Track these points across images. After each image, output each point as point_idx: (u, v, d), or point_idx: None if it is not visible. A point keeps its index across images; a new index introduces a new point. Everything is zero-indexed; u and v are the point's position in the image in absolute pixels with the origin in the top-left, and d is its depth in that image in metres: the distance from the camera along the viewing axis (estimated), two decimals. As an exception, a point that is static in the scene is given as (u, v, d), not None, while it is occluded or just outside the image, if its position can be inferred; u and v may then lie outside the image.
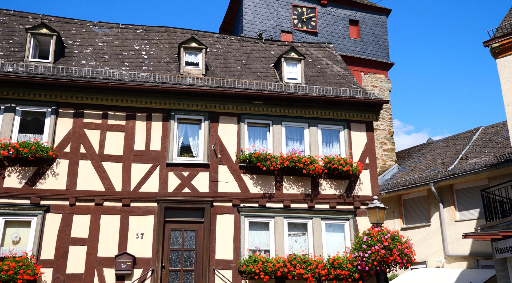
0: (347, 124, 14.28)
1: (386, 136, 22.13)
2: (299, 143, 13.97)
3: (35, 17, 15.43)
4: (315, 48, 17.81)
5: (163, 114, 13.11)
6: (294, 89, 14.09)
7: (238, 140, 13.39)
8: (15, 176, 11.89)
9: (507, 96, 12.56)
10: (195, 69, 14.15)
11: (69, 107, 12.63)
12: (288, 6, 22.28)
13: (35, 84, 12.26)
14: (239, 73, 14.97)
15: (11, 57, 13.25)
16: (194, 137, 13.40)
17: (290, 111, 13.85)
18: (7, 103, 12.29)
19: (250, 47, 16.82)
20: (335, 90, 14.36)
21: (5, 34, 14.24)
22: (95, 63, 13.83)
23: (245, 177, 13.14)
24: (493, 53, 12.99)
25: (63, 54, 13.94)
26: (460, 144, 19.49)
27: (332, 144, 14.21)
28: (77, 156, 12.33)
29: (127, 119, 12.89)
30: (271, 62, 16.07)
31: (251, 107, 13.58)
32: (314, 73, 15.95)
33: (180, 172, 12.77)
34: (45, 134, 12.37)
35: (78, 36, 14.97)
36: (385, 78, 23.01)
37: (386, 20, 24.07)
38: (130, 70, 13.74)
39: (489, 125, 19.86)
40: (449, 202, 16.74)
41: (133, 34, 15.85)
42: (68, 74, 12.67)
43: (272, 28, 21.55)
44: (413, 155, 22.01)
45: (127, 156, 12.59)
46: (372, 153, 14.26)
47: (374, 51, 23.26)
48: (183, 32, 16.61)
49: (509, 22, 12.80)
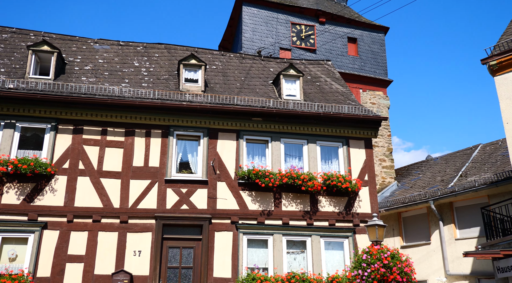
0: (346, 141, 14.29)
1: (385, 153, 22.13)
2: (298, 160, 13.96)
3: (37, 34, 15.58)
4: (313, 65, 17.93)
5: (162, 131, 13.13)
6: (293, 106, 14.14)
7: (236, 156, 13.38)
8: (13, 192, 11.85)
9: (506, 114, 12.60)
10: (194, 86, 14.22)
11: (68, 123, 12.65)
12: (287, 24, 22.51)
13: (35, 101, 12.31)
14: (238, 90, 15.04)
15: (12, 74, 13.33)
16: (192, 153, 13.39)
17: (289, 128, 13.87)
18: (7, 119, 12.32)
19: (249, 64, 16.94)
20: (333, 107, 14.41)
21: (7, 51, 14.35)
22: (95, 79, 13.91)
23: (243, 193, 13.10)
24: (491, 71, 13.07)
25: (64, 70, 14.03)
26: (459, 161, 19.48)
27: (331, 160, 14.20)
28: (76, 172, 12.31)
29: (126, 136, 12.90)
30: (270, 79, 16.16)
31: (250, 123, 13.62)
32: (312, 90, 16.03)
33: (178, 189, 12.74)
34: (44, 150, 12.37)
35: (79, 53, 15.09)
36: (383, 95, 23.11)
37: (384, 38, 24.28)
38: (130, 86, 13.81)
39: (488, 142, 19.89)
40: (449, 219, 16.65)
41: (133, 51, 15.98)
42: (68, 90, 12.73)
43: (271, 46, 21.74)
44: (412, 172, 21.98)
45: (125, 172, 12.57)
46: (371, 169, 14.24)
47: (372, 69, 23.42)
48: (183, 49, 16.74)
49: (507, 40, 12.93)
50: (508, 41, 12.84)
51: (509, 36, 13.39)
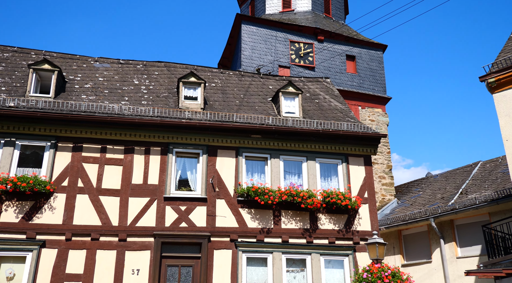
0: (345, 158, 14.29)
1: (385, 171, 22.09)
2: (297, 177, 13.95)
3: (38, 53, 15.71)
4: (312, 82, 18.04)
5: (162, 148, 13.15)
6: (292, 123, 14.18)
7: (236, 174, 13.37)
8: (12, 210, 11.80)
9: (505, 131, 12.61)
10: (193, 104, 14.29)
11: (68, 141, 12.67)
12: (286, 42, 22.72)
13: (35, 119, 12.35)
14: (237, 107, 15.11)
15: (13, 92, 13.41)
16: (192, 171, 13.38)
17: (288, 145, 13.89)
18: (7, 137, 12.35)
19: (248, 81, 17.05)
20: (332, 124, 14.45)
21: (8, 70, 14.46)
22: (95, 97, 13.98)
23: (243, 211, 13.04)
24: (490, 88, 13.12)
25: (64, 89, 14.11)
26: (459, 178, 19.44)
27: (331, 177, 14.18)
28: (75, 190, 12.29)
29: (126, 153, 12.91)
30: (269, 97, 16.24)
31: (249, 141, 13.64)
32: (311, 107, 16.09)
33: (177, 206, 12.69)
34: (43, 168, 12.36)
35: (79, 72, 15.20)
36: (382, 112, 23.18)
37: (382, 55, 24.48)
38: (129, 104, 13.87)
39: (488, 159, 19.87)
40: (450, 237, 16.54)
41: (133, 69, 16.10)
42: (68, 108, 12.78)
43: (270, 63, 21.90)
44: (412, 189, 21.91)
45: (124, 190, 12.54)
46: (371, 187, 14.21)
47: (371, 86, 23.54)
48: (182, 67, 16.87)
49: (504, 58, 13.02)
50: (506, 58, 12.93)
51: (507, 53, 13.50)
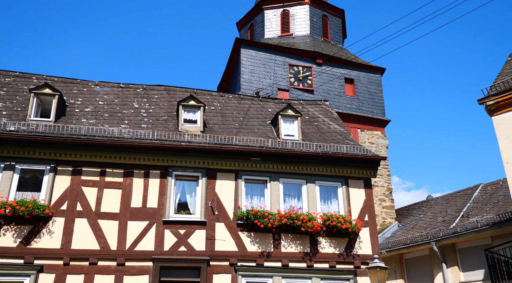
0: (345, 181, 14.26)
1: (385, 193, 22.01)
2: (297, 200, 13.89)
3: (39, 77, 15.86)
4: (311, 105, 18.16)
5: (161, 171, 13.14)
6: (291, 145, 14.21)
7: (235, 197, 13.32)
8: (10, 235, 11.72)
9: (505, 153, 12.58)
10: (193, 127, 14.35)
11: (67, 165, 12.67)
12: (285, 65, 22.96)
13: (35, 143, 12.39)
14: (236, 130, 15.17)
15: (13, 116, 13.48)
16: (191, 194, 13.34)
17: (287, 168, 13.89)
18: (7, 161, 12.35)
19: (248, 104, 17.16)
20: (332, 147, 14.48)
21: (9, 95, 14.57)
22: (95, 121, 14.05)
23: (242, 234, 12.95)
24: (488, 111, 13.15)
25: (65, 113, 14.19)
26: (460, 201, 19.32)
27: (331, 200, 14.13)
28: (73, 214, 12.22)
29: (125, 176, 12.89)
30: (268, 119, 16.32)
31: (248, 163, 13.64)
32: (311, 130, 16.16)
33: (176, 230, 12.60)
34: (42, 192, 12.33)
35: (80, 95, 15.31)
36: (381, 134, 23.25)
37: (381, 78, 24.70)
38: (129, 128, 13.94)
39: (489, 182, 19.77)
40: (452, 261, 16.34)
41: (133, 93, 16.22)
42: (68, 132, 12.84)
43: (269, 86, 22.08)
44: (413, 212, 21.78)
45: (123, 214, 12.47)
46: (371, 210, 14.14)
47: (370, 108, 23.68)
48: (182, 90, 17.01)
49: (502, 81, 13.10)
50: (504, 81, 13.02)
51: (504, 76, 13.61)
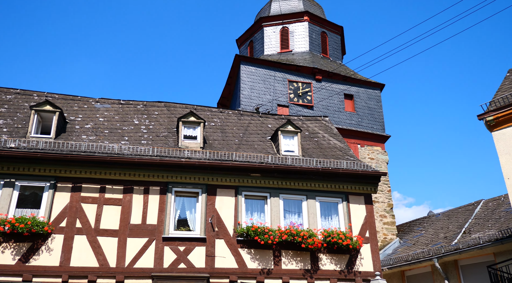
0: (346, 197, 14.22)
1: (386, 209, 21.90)
2: (297, 216, 13.83)
3: (40, 95, 15.94)
4: (311, 121, 18.20)
5: (161, 188, 13.11)
6: (291, 161, 14.20)
7: (235, 213, 13.26)
8: (9, 252, 11.63)
9: (506, 169, 12.50)
10: (193, 143, 14.37)
11: (67, 181, 12.65)
12: (284, 82, 23.08)
13: (35, 159, 12.39)
14: (236, 146, 15.18)
15: (14, 133, 13.51)
16: (191, 210, 13.29)
17: (287, 184, 13.85)
18: (7, 178, 12.33)
19: (248, 120, 17.20)
20: (332, 163, 14.47)
21: (10, 112, 14.62)
22: (95, 137, 14.08)
23: (242, 251, 12.85)
24: (488, 126, 13.13)
25: (65, 129, 14.23)
26: (462, 217, 19.20)
27: (331, 216, 14.06)
28: (73, 231, 12.16)
29: (125, 193, 12.86)
30: (268, 135, 16.35)
31: (248, 179, 13.61)
32: (311, 145, 16.16)
33: (176, 247, 12.51)
34: (42, 208, 12.29)
35: (80, 112, 15.37)
36: (382, 150, 23.24)
37: (380, 94, 24.80)
38: (129, 144, 13.95)
39: (491, 198, 19.65)
40: (455, 278, 16.15)
41: (134, 109, 16.28)
42: (68, 149, 12.85)
43: (269, 102, 22.17)
44: (414, 229, 21.63)
45: (123, 230, 12.40)
46: (372, 226, 14.06)
47: (369, 124, 23.72)
48: (182, 107, 17.07)
49: (502, 96, 13.12)
50: (503, 97, 13.04)
51: (504, 92, 13.64)
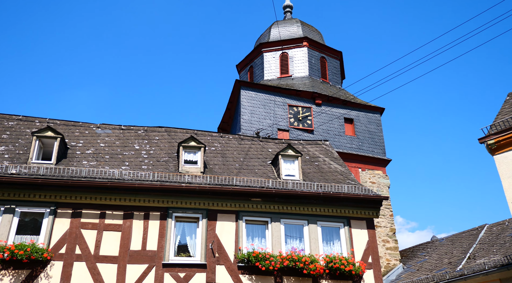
0: (347, 222, 14.10)
1: (388, 234, 21.68)
2: (299, 241, 13.69)
3: (42, 121, 16.03)
4: (311, 145, 18.23)
5: (161, 213, 13.04)
6: (292, 186, 14.16)
7: (236, 238, 13.15)
8: (7, 280, 11.49)
9: (509, 193, 12.39)
10: (193, 167, 14.36)
11: (67, 207, 12.60)
12: (284, 106, 23.21)
13: (36, 185, 12.38)
14: (237, 170, 15.16)
15: (15, 159, 13.53)
16: (191, 236, 13.17)
17: (288, 208, 13.78)
18: (7, 204, 12.30)
19: (248, 145, 17.23)
20: (333, 187, 14.41)
21: (12, 138, 14.68)
22: (96, 163, 14.09)
23: (243, 277, 12.67)
24: (490, 150, 13.09)
25: (66, 155, 14.25)
26: (466, 242, 18.97)
27: (333, 241, 13.92)
28: (72, 257, 12.04)
29: (125, 218, 12.78)
30: (268, 160, 16.35)
31: (249, 204, 13.54)
32: (311, 170, 16.14)
33: (176, 273, 12.35)
34: (41, 235, 12.21)
35: (81, 138, 15.42)
36: (383, 174, 23.18)
37: (380, 118, 24.88)
38: (130, 169, 13.95)
39: (495, 222, 19.44)
40: (460, 304, 15.82)
41: (134, 134, 16.34)
42: (69, 174, 12.84)
43: (269, 127, 22.25)
44: (417, 254, 21.36)
45: (122, 257, 12.27)
46: (374, 251, 13.90)
47: (370, 148, 23.72)
48: (183, 132, 17.13)
49: (502, 120, 13.14)
50: (504, 120, 13.05)
51: (504, 115, 13.66)
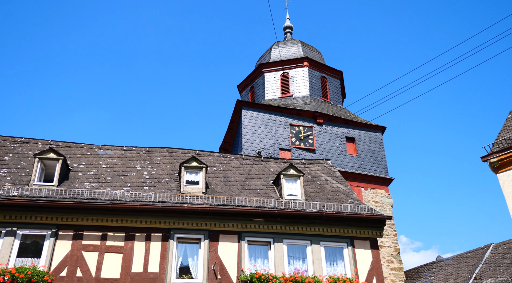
0: (351, 241, 13.97)
1: (393, 254, 21.42)
2: (302, 262, 13.54)
3: (44, 143, 16.07)
4: (313, 164, 18.19)
5: (163, 234, 12.94)
6: (295, 205, 14.07)
7: (238, 259, 13.02)
8: (6, 304, 11.35)
9: (514, 211, 12.34)
10: (195, 188, 14.31)
11: (69, 229, 12.53)
12: (286, 126, 23.27)
13: (37, 207, 12.35)
14: (239, 190, 15.10)
15: (17, 181, 13.52)
16: (193, 257, 13.05)
17: (291, 229, 13.67)
18: (9, 227, 12.24)
19: (250, 165, 17.21)
20: (336, 206, 14.32)
21: (14, 160, 14.70)
22: (98, 184, 14.06)
23: (246, 299, 12.50)
24: (493, 168, 13.06)
25: (68, 176, 14.24)
26: (471, 262, 18.74)
27: (336, 262, 13.76)
28: (73, 280, 11.91)
29: (126, 240, 12.69)
30: (270, 179, 16.30)
31: (251, 224, 13.45)
32: (314, 189, 16.07)
33: (178, 295, 12.19)
34: (42, 257, 12.12)
35: (83, 159, 15.43)
36: (386, 193, 23.04)
37: (382, 137, 24.86)
38: (131, 190, 13.91)
39: (500, 242, 19.24)
40: (467, 324, 15.59)
41: (136, 155, 16.35)
42: (71, 196, 12.81)
43: (271, 146, 22.25)
44: (423, 274, 21.07)
45: (124, 279, 12.14)
46: (379, 272, 13.72)
47: (372, 167, 23.65)
48: (184, 152, 17.14)
49: (505, 138, 13.15)
50: (506, 138, 13.06)
51: (506, 133, 13.68)
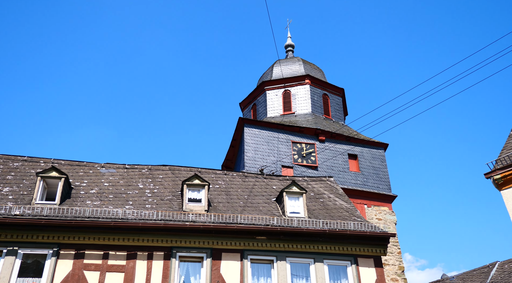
0: (354, 259, 13.82)
1: (397, 272, 21.16)
2: (305, 280, 13.38)
3: (47, 161, 16.09)
4: (316, 182, 18.12)
5: (165, 253, 12.84)
6: (297, 223, 13.98)
7: (241, 278, 12.87)
8: (5, 325, 11.21)
9: (519, 229, 12.23)
10: (197, 206, 14.25)
11: (70, 248, 12.45)
12: (288, 143, 23.28)
13: (39, 226, 12.30)
14: (241, 208, 15.03)
15: (19, 200, 13.49)
16: (195, 276, 12.91)
17: (294, 247, 13.55)
18: (10, 246, 12.16)
19: (252, 182, 17.15)
20: (339, 224, 14.22)
21: (17, 179, 14.70)
22: (100, 203, 14.02)
23: (249, 319, 12.32)
24: (496, 185, 12.99)
25: (70, 195, 14.21)
26: (477, 281, 18.49)
27: (340, 280, 13.59)
28: (74, 300, 11.77)
29: (128, 259, 12.58)
30: (273, 197, 16.23)
31: (254, 242, 13.34)
32: (316, 206, 15.98)
33: (180, 315, 12.04)
34: (43, 277, 12.01)
35: (85, 178, 15.42)
36: (389, 210, 22.89)
37: (384, 154, 24.82)
38: (133, 208, 13.85)
39: (506, 260, 19.01)
40: None
41: (138, 173, 16.33)
42: (73, 215, 12.76)
43: (273, 164, 22.21)
44: (428, 292, 20.79)
45: (125, 299, 11.99)
46: (383, 289, 13.55)
47: (375, 184, 23.54)
48: (187, 170, 17.12)
49: (507, 154, 13.12)
50: (509, 155, 13.02)
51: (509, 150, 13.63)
